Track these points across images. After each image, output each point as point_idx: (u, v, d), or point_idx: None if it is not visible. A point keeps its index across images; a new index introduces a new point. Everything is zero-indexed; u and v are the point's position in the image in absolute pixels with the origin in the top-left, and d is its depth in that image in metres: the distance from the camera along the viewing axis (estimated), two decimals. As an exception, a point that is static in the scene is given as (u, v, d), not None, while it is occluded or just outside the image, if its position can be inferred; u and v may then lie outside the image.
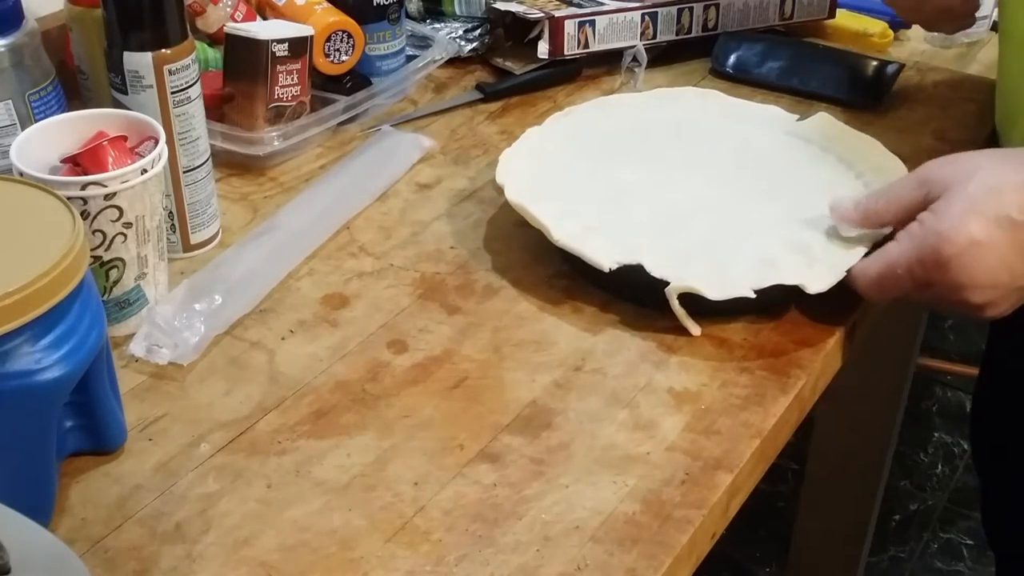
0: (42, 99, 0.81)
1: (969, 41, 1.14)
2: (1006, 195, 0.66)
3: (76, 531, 0.58)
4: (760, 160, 0.87)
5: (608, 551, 0.57)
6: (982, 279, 0.66)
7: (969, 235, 0.66)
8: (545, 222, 0.76)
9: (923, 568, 1.75)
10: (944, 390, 2.08)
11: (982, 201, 0.66)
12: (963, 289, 0.67)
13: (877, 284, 0.71)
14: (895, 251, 0.69)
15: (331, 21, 0.95)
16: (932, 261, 0.67)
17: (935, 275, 0.67)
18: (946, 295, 0.68)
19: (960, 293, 0.67)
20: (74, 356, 0.56)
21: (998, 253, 0.66)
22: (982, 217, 0.66)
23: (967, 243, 0.66)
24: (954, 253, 0.66)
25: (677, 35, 1.08)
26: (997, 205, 0.66)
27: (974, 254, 0.66)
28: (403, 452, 0.64)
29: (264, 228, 0.81)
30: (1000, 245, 0.66)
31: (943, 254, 0.66)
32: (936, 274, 0.67)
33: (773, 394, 0.68)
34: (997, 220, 0.66)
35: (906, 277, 0.69)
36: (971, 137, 0.96)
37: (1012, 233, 0.66)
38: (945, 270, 0.67)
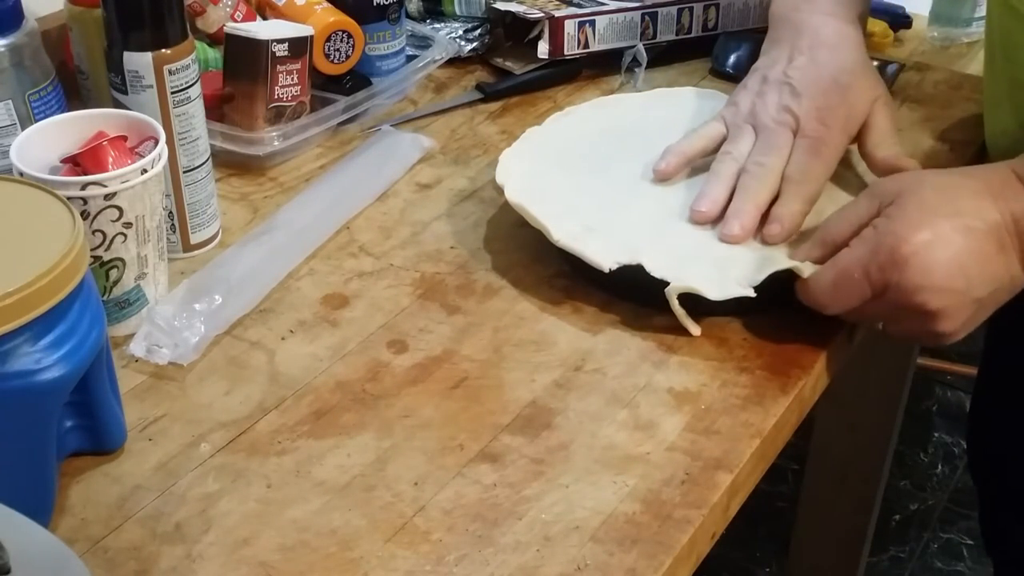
0: (42, 99, 0.81)
1: (969, 41, 1.14)
2: (959, 200, 0.66)
3: (76, 531, 0.58)
4: (760, 160, 0.87)
5: (608, 551, 0.57)
6: (939, 280, 0.65)
7: (925, 233, 0.65)
8: (545, 222, 0.76)
9: (923, 568, 1.75)
10: (944, 390, 2.08)
11: (936, 203, 0.66)
12: (920, 291, 0.65)
13: (831, 292, 0.69)
14: (849, 256, 0.68)
15: (331, 21, 0.95)
16: (889, 261, 0.65)
17: (892, 275, 0.66)
18: (902, 299, 0.66)
19: (917, 295, 0.65)
20: (74, 356, 0.56)
21: (954, 254, 0.65)
22: (937, 218, 0.65)
23: (924, 241, 0.65)
24: (911, 251, 0.65)
25: (677, 35, 1.08)
26: (952, 208, 0.66)
27: (930, 253, 0.65)
28: (403, 452, 0.64)
29: (264, 228, 0.81)
30: (956, 247, 0.65)
31: (900, 252, 0.65)
32: (893, 274, 0.65)
33: (773, 394, 0.68)
34: (952, 224, 0.65)
35: (862, 281, 0.67)
36: (971, 137, 0.96)
37: (967, 237, 0.65)
38: (902, 269, 0.65)
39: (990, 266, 0.66)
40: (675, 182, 0.83)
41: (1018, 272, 0.67)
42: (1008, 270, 0.66)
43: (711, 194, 0.78)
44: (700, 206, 0.77)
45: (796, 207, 0.76)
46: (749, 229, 0.76)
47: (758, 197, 0.76)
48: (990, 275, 0.66)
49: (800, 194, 0.76)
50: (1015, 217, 0.66)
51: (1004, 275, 0.66)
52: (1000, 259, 0.66)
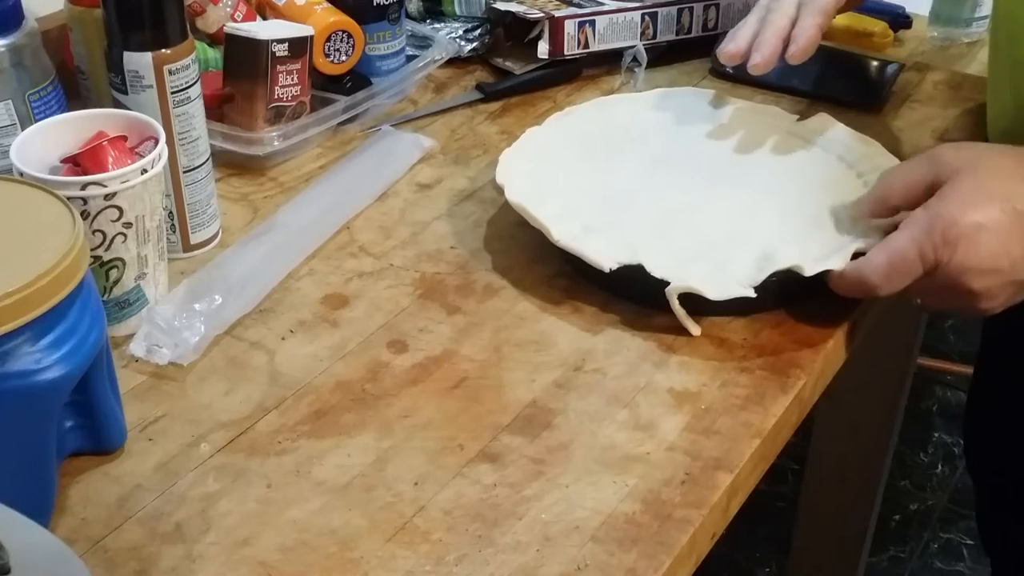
0: (42, 99, 0.81)
1: (969, 41, 1.14)
2: (1012, 183, 0.68)
3: (76, 531, 0.58)
4: (760, 160, 0.87)
5: (608, 551, 0.57)
6: (986, 263, 0.67)
7: (975, 217, 0.67)
8: (545, 222, 0.76)
9: (923, 568, 1.74)
10: (944, 390, 2.08)
11: (990, 186, 0.68)
12: (966, 272, 0.68)
13: (887, 273, 0.70)
14: (903, 237, 0.69)
15: (331, 21, 0.95)
16: (941, 240, 0.67)
17: (943, 255, 0.68)
18: (949, 279, 0.68)
19: (963, 276, 0.68)
20: (74, 356, 0.56)
21: (1001, 239, 0.67)
22: (989, 200, 0.67)
23: (974, 223, 0.67)
24: (961, 232, 0.67)
25: (677, 35, 1.08)
26: (1003, 191, 0.67)
27: (980, 237, 0.67)
28: (403, 452, 0.64)
29: (264, 228, 0.81)
30: (1004, 231, 0.67)
31: (952, 233, 0.67)
32: (944, 254, 0.68)
33: (773, 394, 0.68)
34: (1002, 208, 0.67)
35: (917, 261, 0.69)
36: (971, 137, 0.96)
37: (1015, 221, 0.67)
38: (953, 250, 0.67)
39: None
40: (675, 182, 0.83)
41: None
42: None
43: (738, 37, 0.84)
44: (727, 47, 0.84)
45: (808, 22, 0.81)
46: (768, 56, 0.82)
47: (777, 26, 0.83)
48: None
49: (812, 10, 0.82)
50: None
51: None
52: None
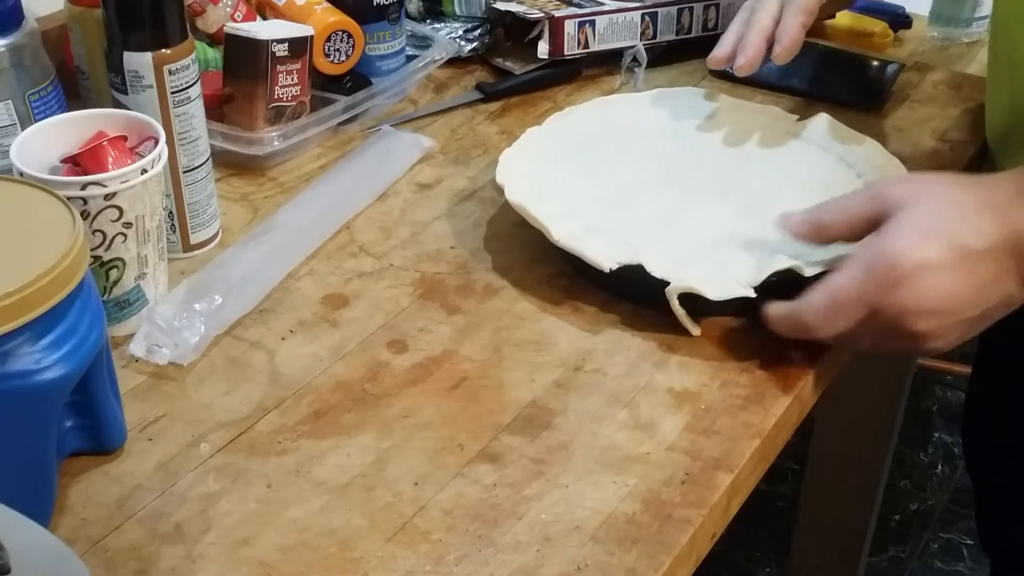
0: (42, 99, 0.81)
1: (969, 41, 1.14)
2: (958, 219, 0.64)
3: (76, 531, 0.58)
4: (760, 160, 0.87)
5: (608, 551, 0.57)
6: (929, 304, 0.64)
7: (918, 256, 0.63)
8: (545, 223, 0.76)
9: (923, 568, 1.75)
10: (944, 390, 2.08)
11: (933, 223, 0.64)
12: (908, 314, 0.64)
13: (826, 315, 0.67)
14: (843, 278, 0.66)
15: (331, 21, 0.95)
16: (884, 281, 0.64)
17: (886, 298, 0.64)
18: (892, 322, 0.65)
19: (906, 318, 0.64)
20: (74, 356, 0.56)
21: (946, 279, 0.64)
22: (932, 239, 0.64)
23: (915, 265, 0.63)
24: (904, 274, 0.63)
25: (677, 35, 1.08)
26: (949, 227, 0.64)
27: (923, 277, 0.63)
28: (403, 452, 0.64)
29: (264, 228, 0.81)
30: (948, 271, 0.64)
31: (893, 275, 0.64)
32: (887, 296, 0.64)
33: (773, 394, 0.68)
34: (948, 244, 0.63)
35: (857, 303, 0.65)
36: (971, 137, 0.96)
37: (962, 261, 0.63)
38: (894, 291, 0.64)
39: (984, 288, 0.64)
40: (675, 182, 0.83)
41: (1015, 290, 0.65)
42: (1003, 290, 0.65)
43: (724, 40, 0.87)
44: (714, 52, 0.87)
45: (790, 21, 0.82)
46: (752, 57, 0.85)
47: (760, 26, 0.84)
48: (983, 297, 0.65)
49: (794, 8, 0.82)
50: (1015, 232, 0.64)
51: (997, 295, 0.65)
52: (995, 280, 0.64)
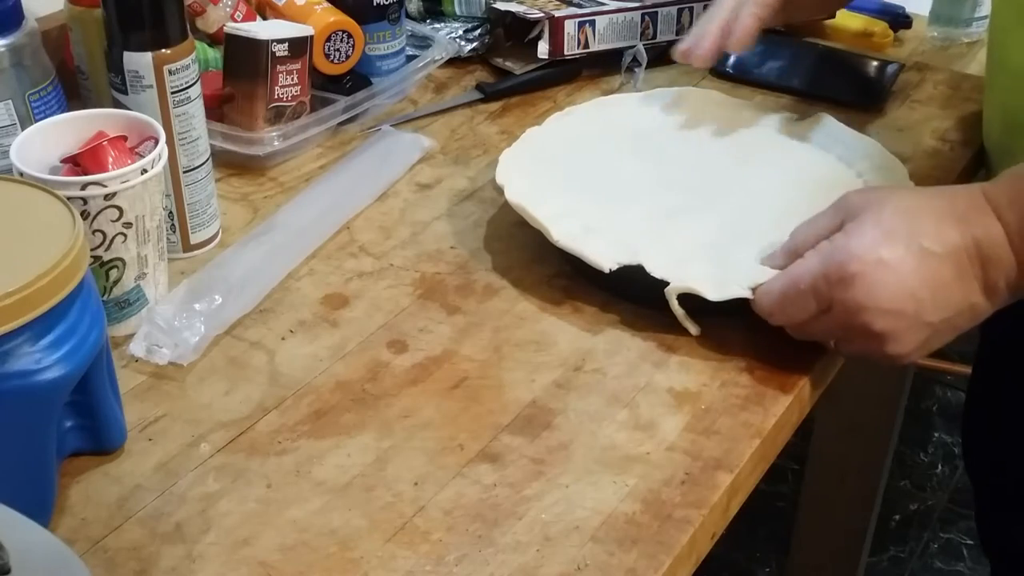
0: (42, 99, 0.81)
1: (969, 41, 1.14)
2: (920, 222, 0.64)
3: (76, 531, 0.58)
4: (760, 160, 0.87)
5: (608, 551, 0.57)
6: (885, 303, 0.64)
7: (877, 254, 0.63)
8: (545, 223, 0.76)
9: (923, 568, 1.75)
10: (944, 390, 2.08)
11: (895, 224, 0.64)
12: (864, 311, 0.64)
13: (779, 302, 0.68)
14: (800, 268, 0.67)
15: (331, 21, 0.95)
16: (836, 276, 0.64)
17: (837, 292, 0.64)
18: (846, 317, 0.65)
19: (861, 316, 0.64)
20: (74, 356, 0.56)
21: (904, 278, 0.63)
22: (893, 239, 0.64)
23: (874, 261, 0.63)
24: (859, 271, 0.63)
25: (677, 35, 1.08)
26: (909, 230, 0.64)
27: (879, 274, 0.63)
28: (403, 452, 0.64)
29: (264, 228, 0.81)
30: (908, 271, 0.63)
31: (848, 270, 0.64)
32: (838, 291, 0.64)
33: (773, 394, 0.68)
34: (907, 245, 0.63)
35: (809, 294, 0.66)
36: (971, 137, 0.96)
37: (922, 261, 0.63)
38: (847, 287, 0.64)
39: (944, 292, 0.64)
40: (674, 182, 0.83)
41: (979, 299, 0.65)
42: (966, 297, 0.64)
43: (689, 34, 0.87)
44: (678, 46, 0.87)
45: (745, 12, 0.83)
46: (707, 48, 0.85)
47: (718, 19, 0.85)
48: (944, 301, 0.64)
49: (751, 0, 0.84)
50: (977, 242, 0.64)
51: (961, 301, 0.64)
52: (957, 285, 0.64)
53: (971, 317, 0.66)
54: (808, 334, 0.69)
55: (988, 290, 0.65)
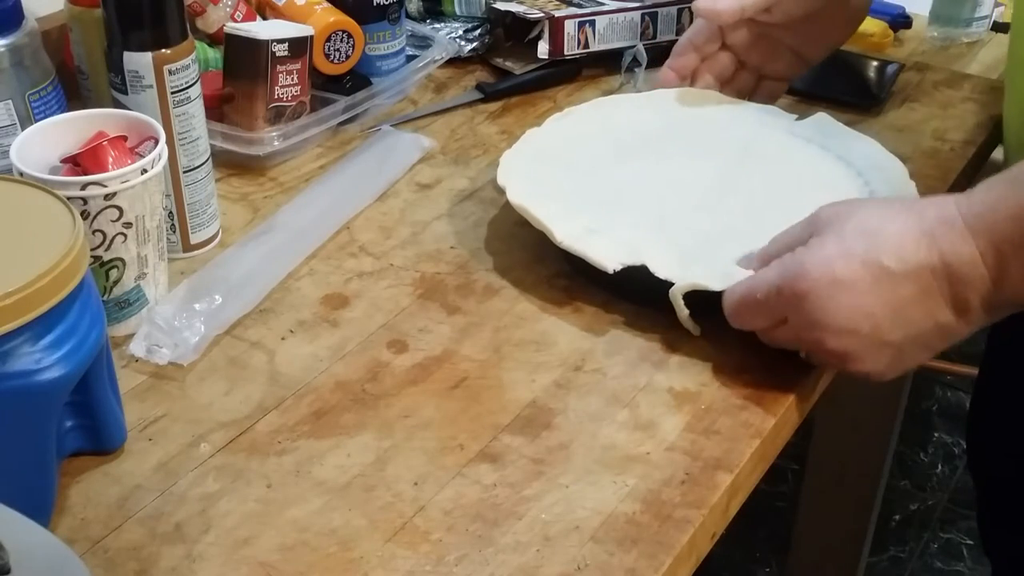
0: (42, 99, 0.81)
1: (969, 41, 1.14)
2: (882, 239, 0.62)
3: (76, 531, 0.58)
4: (760, 159, 0.87)
5: (608, 551, 0.57)
6: (838, 321, 0.63)
7: (831, 272, 0.62)
8: (548, 224, 0.76)
9: (923, 568, 1.75)
10: (944, 390, 2.08)
11: (855, 241, 0.63)
12: (815, 329, 0.63)
13: (736, 308, 0.68)
14: (760, 277, 0.66)
15: (331, 21, 0.95)
16: (789, 292, 0.64)
17: (790, 307, 0.64)
18: (802, 333, 0.65)
19: (814, 332, 0.64)
20: (74, 356, 0.56)
21: (859, 298, 0.62)
22: (850, 256, 0.62)
23: (828, 279, 0.62)
24: (810, 288, 0.63)
25: (677, 35, 1.08)
26: (869, 247, 0.62)
27: (832, 293, 0.62)
28: (403, 452, 0.64)
29: (264, 228, 0.81)
30: (863, 289, 0.62)
31: (800, 287, 0.63)
32: (791, 306, 0.64)
33: (773, 394, 0.68)
34: (865, 263, 0.62)
35: (763, 304, 0.66)
36: (971, 137, 0.96)
37: (879, 281, 0.62)
38: (800, 303, 0.63)
39: (905, 311, 0.62)
40: (675, 182, 0.83)
41: (948, 318, 0.63)
42: (931, 316, 0.62)
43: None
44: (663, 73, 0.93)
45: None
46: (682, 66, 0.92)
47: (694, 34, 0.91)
48: (904, 320, 0.62)
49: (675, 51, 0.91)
50: (944, 260, 0.61)
51: (925, 320, 0.63)
52: (919, 304, 0.62)
53: (942, 336, 0.64)
54: (773, 342, 0.69)
55: (958, 309, 0.62)
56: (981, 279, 0.61)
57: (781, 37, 0.91)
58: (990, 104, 1.01)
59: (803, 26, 0.89)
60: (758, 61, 0.93)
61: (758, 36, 0.92)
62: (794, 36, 0.91)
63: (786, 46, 0.92)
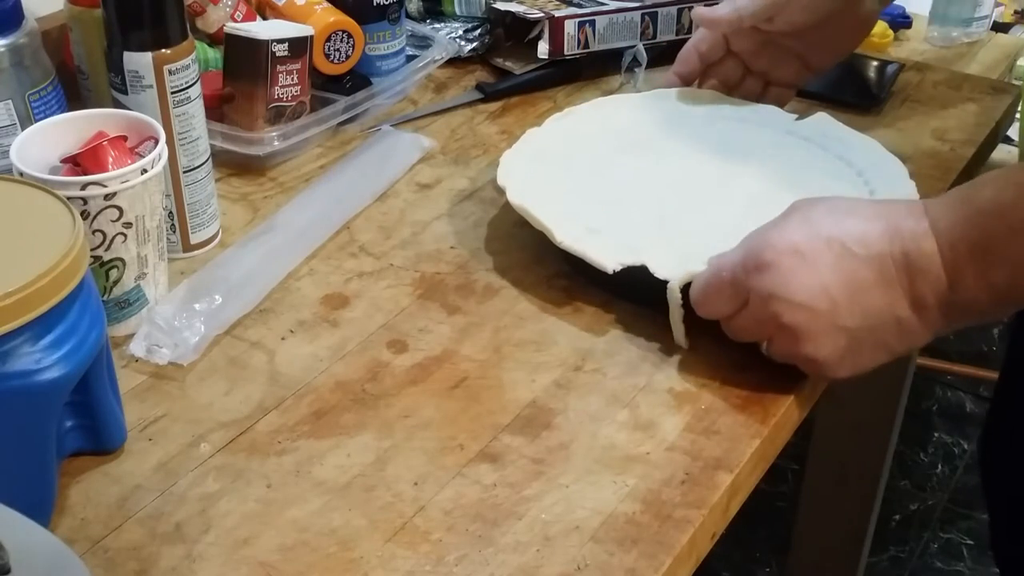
0: (42, 99, 0.81)
1: (969, 41, 1.14)
2: (848, 222, 0.63)
3: (76, 531, 0.58)
4: (761, 159, 0.87)
5: (608, 551, 0.57)
6: (795, 294, 0.63)
7: (793, 243, 0.63)
8: (548, 224, 0.76)
9: (923, 568, 1.75)
10: (944, 390, 2.08)
11: (821, 220, 0.64)
12: (773, 300, 0.63)
13: (703, 291, 0.68)
14: (724, 258, 0.67)
15: (331, 21, 0.95)
16: (752, 264, 0.64)
17: (752, 280, 0.64)
18: (759, 306, 0.64)
19: (771, 305, 0.64)
20: (74, 356, 0.56)
21: (819, 273, 0.62)
22: (812, 232, 0.63)
23: (789, 251, 0.63)
24: (772, 259, 0.63)
25: (677, 35, 1.08)
26: (834, 227, 0.63)
27: (794, 264, 0.63)
28: (403, 452, 0.64)
29: (264, 228, 0.81)
30: (823, 266, 0.62)
31: (763, 258, 0.63)
32: (753, 279, 0.64)
33: (773, 394, 0.68)
34: (828, 241, 0.62)
35: (728, 283, 0.66)
36: (971, 137, 0.96)
37: (841, 259, 0.62)
38: (760, 274, 0.64)
39: (863, 296, 0.62)
40: (675, 182, 0.83)
41: (906, 312, 0.63)
42: (890, 307, 0.63)
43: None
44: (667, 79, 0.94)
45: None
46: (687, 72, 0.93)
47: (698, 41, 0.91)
48: (863, 305, 0.63)
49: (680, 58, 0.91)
50: (906, 253, 0.62)
51: (884, 310, 0.63)
52: (878, 292, 0.62)
53: (899, 332, 0.64)
54: (736, 333, 0.68)
55: (916, 304, 0.62)
56: (937, 276, 0.62)
57: (787, 45, 0.91)
58: (990, 104, 1.01)
59: (809, 34, 0.89)
60: (764, 67, 0.93)
61: (764, 43, 0.91)
62: (800, 44, 0.90)
63: (793, 54, 0.92)
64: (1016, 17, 1.74)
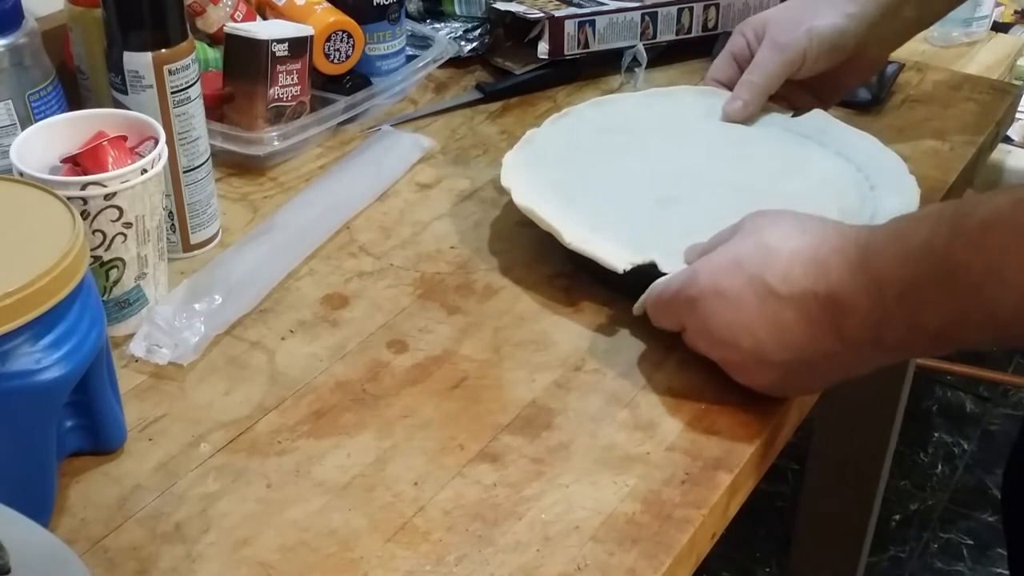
0: (42, 99, 0.81)
1: (969, 41, 1.14)
2: (773, 260, 0.63)
3: (76, 531, 0.58)
4: (760, 157, 0.87)
5: (608, 551, 0.57)
6: (717, 333, 0.64)
7: (716, 284, 0.64)
8: (556, 225, 0.76)
9: (923, 568, 1.75)
10: (944, 390, 2.08)
11: (749, 258, 0.63)
12: (698, 336, 0.66)
13: (651, 306, 0.70)
14: (674, 278, 0.68)
15: (331, 21, 0.95)
16: (683, 297, 0.66)
17: (684, 311, 0.66)
18: (696, 341, 0.67)
19: (696, 340, 0.67)
20: (74, 356, 0.56)
21: (741, 314, 0.63)
22: (738, 271, 0.63)
23: (711, 291, 0.64)
24: (697, 296, 0.65)
25: (677, 35, 1.08)
26: (759, 266, 0.63)
27: (716, 304, 0.64)
28: (403, 452, 0.64)
29: (264, 228, 0.81)
30: (746, 307, 0.63)
31: (690, 292, 0.65)
32: (684, 311, 0.66)
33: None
34: (751, 281, 0.62)
35: (666, 305, 0.68)
36: (971, 137, 0.96)
37: (764, 301, 0.62)
38: (691, 308, 0.66)
39: (787, 334, 0.62)
40: (676, 181, 0.83)
41: (835, 347, 0.61)
42: (815, 343, 0.62)
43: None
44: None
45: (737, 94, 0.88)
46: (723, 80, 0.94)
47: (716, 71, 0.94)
48: (788, 343, 0.62)
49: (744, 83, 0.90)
50: (831, 290, 0.60)
51: (809, 346, 0.62)
52: (801, 330, 0.62)
53: (832, 366, 0.63)
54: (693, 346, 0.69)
55: (845, 341, 0.61)
56: (864, 316, 0.60)
57: (804, 82, 0.93)
58: (990, 104, 1.01)
59: (824, 76, 0.92)
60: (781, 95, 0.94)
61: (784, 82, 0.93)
62: (816, 83, 0.93)
63: (808, 89, 0.95)
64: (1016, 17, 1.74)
